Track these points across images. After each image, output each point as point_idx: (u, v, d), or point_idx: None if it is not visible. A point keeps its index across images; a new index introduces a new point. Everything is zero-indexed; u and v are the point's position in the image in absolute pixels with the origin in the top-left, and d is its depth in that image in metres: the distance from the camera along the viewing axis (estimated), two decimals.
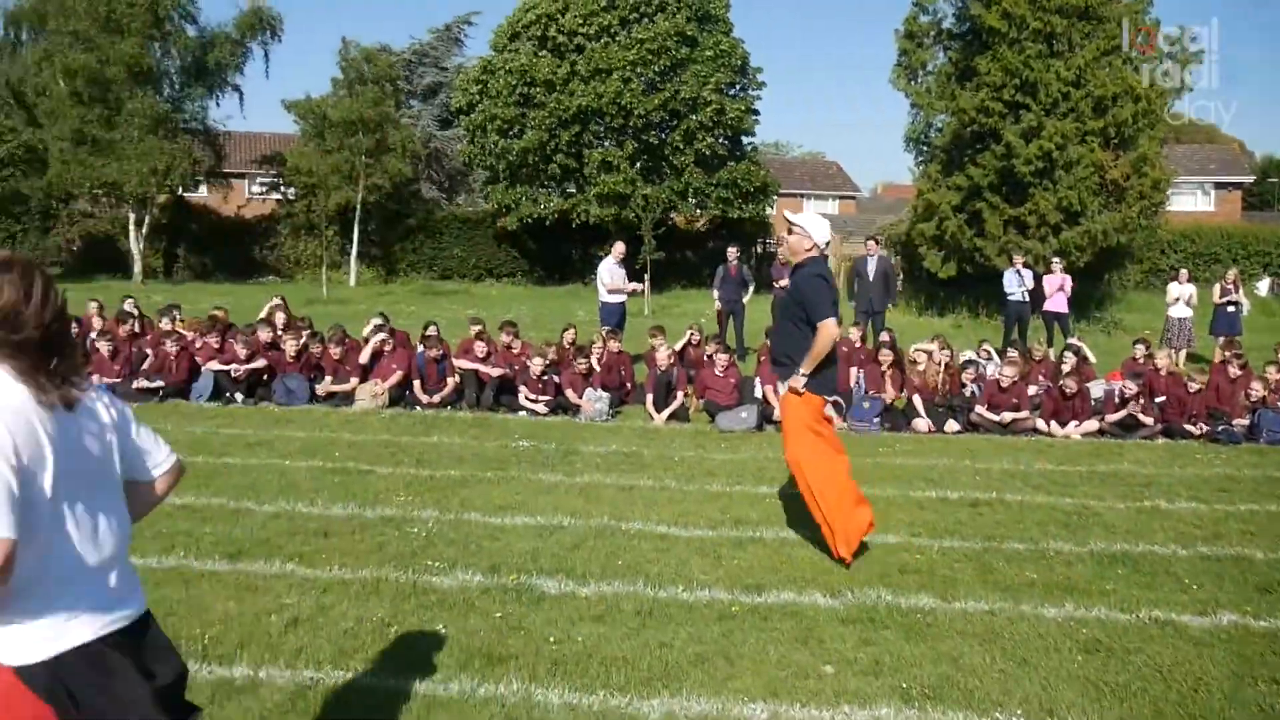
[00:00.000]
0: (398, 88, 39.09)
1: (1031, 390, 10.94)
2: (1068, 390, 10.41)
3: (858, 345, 11.90)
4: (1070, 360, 11.38)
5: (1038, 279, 16.61)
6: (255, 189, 45.17)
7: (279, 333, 12.04)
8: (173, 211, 40.26)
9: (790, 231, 5.97)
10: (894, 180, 76.21)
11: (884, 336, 12.11)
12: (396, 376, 11.01)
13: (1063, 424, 10.28)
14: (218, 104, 40.82)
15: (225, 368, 11.13)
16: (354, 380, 11.27)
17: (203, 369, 11.21)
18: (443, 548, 5.85)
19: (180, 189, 38.11)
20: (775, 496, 7.28)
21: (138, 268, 36.74)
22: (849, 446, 9.31)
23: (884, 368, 11.05)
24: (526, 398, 10.76)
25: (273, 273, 39.45)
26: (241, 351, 11.23)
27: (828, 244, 5.96)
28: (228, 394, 11.01)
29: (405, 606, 4.90)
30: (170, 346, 11.39)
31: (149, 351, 12.01)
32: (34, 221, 40.88)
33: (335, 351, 11.50)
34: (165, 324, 12.41)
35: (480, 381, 11.05)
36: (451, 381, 11.08)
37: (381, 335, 11.64)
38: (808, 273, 5.85)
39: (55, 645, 2.16)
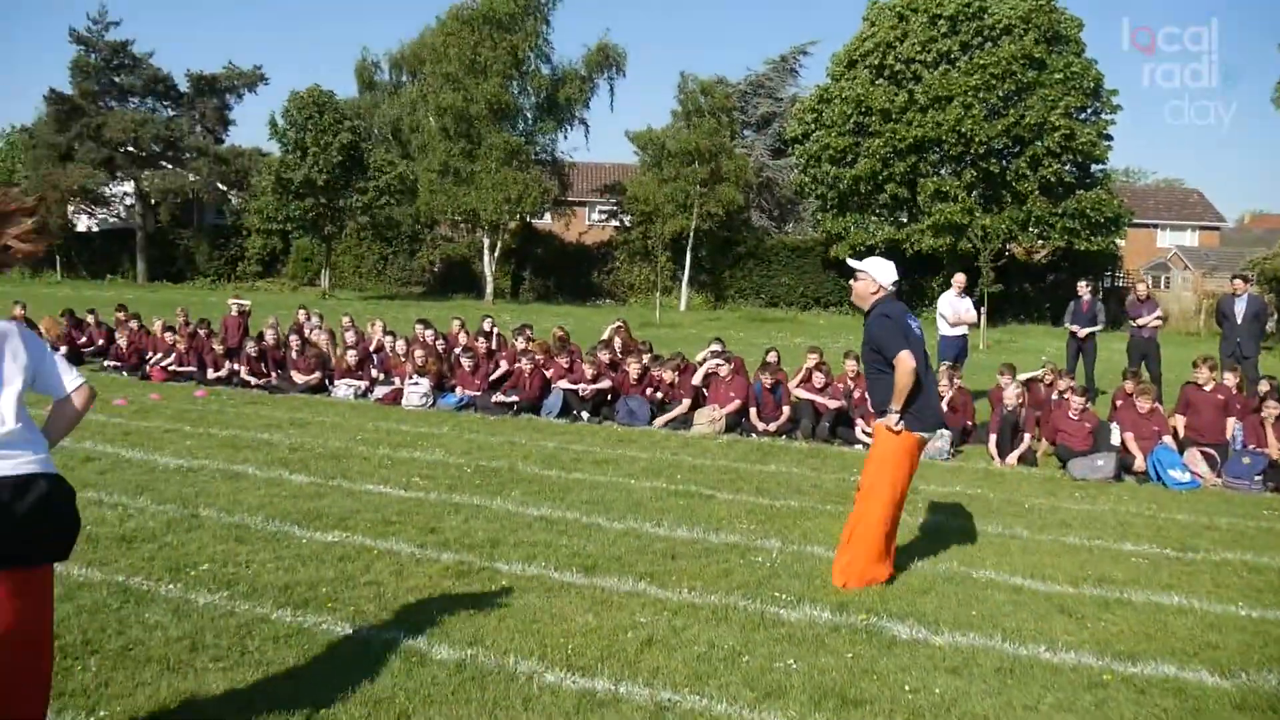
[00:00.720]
0: (733, 118, 39.94)
1: None
2: None
3: (1234, 393, 10.75)
4: None
5: None
6: (596, 216, 47.73)
7: (618, 354, 12.58)
8: (521, 237, 43.24)
9: (855, 278, 5.96)
10: (1265, 209, 68.97)
11: (1263, 385, 10.87)
12: (735, 404, 11.15)
13: None
14: (565, 136, 43.58)
15: (574, 387, 11.75)
16: (686, 402, 11.52)
17: (553, 387, 11.89)
18: (788, 580, 5.81)
19: (529, 216, 40.84)
20: (1143, 556, 6.70)
21: (489, 288, 39.71)
22: (1225, 505, 8.50)
23: (1269, 420, 9.91)
24: (863, 431, 10.56)
25: (608, 296, 41.43)
26: (589, 372, 11.80)
27: (894, 283, 5.92)
28: (575, 412, 11.60)
29: (755, 636, 4.90)
30: (525, 364, 12.17)
31: (502, 364, 12.92)
32: (403, 245, 45.25)
33: (671, 375, 11.83)
34: (520, 343, 13.25)
35: (816, 412, 10.99)
36: (787, 410, 11.09)
37: (717, 360, 11.83)
38: (875, 314, 5.83)
39: None
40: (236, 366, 13.76)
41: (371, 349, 14.12)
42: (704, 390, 11.73)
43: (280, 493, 7.46)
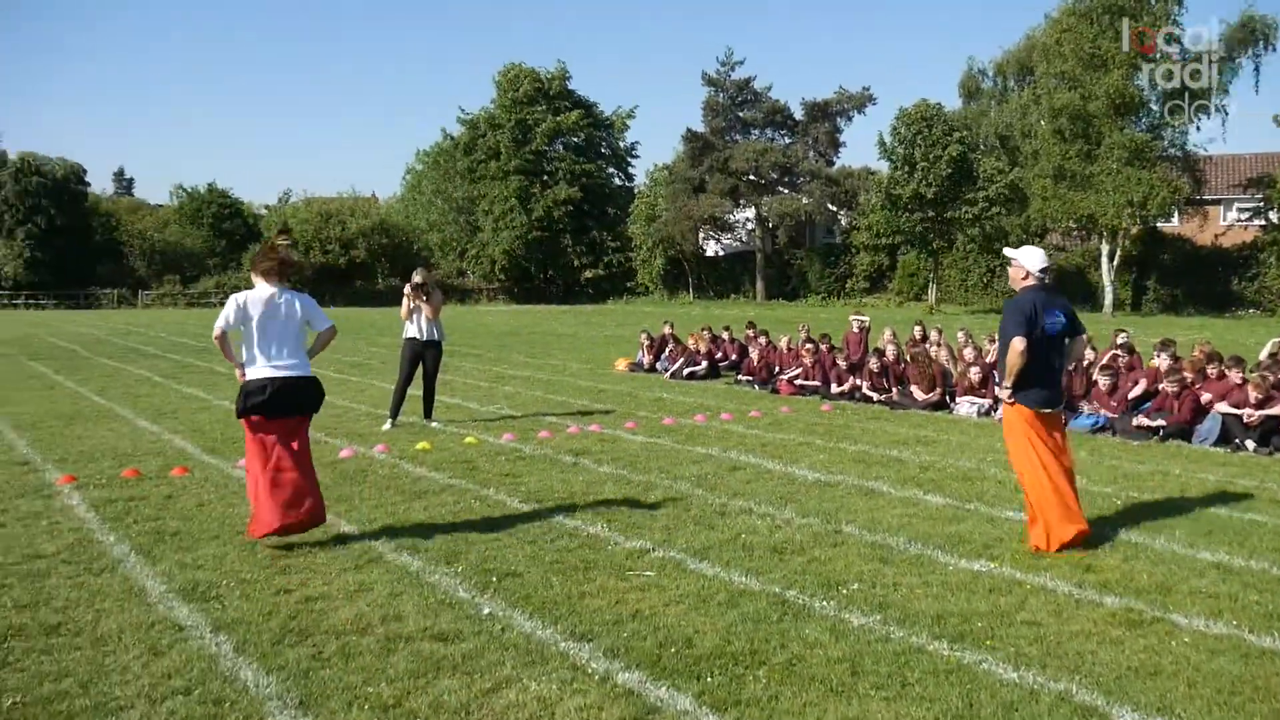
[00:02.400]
0: None
1: None
2: None
3: None
4: None
5: None
6: (1234, 215, 42.27)
7: None
8: (1144, 242, 39.69)
9: (1010, 265, 6.82)
10: None
11: None
12: None
13: None
14: (1198, 128, 39.07)
15: (1237, 411, 10.24)
16: None
17: (1210, 411, 10.48)
18: None
19: (1155, 219, 37.33)
20: None
21: (1108, 299, 36.94)
22: None
23: None
24: None
25: (1252, 306, 36.49)
26: (1252, 395, 10.23)
27: (1043, 270, 6.62)
28: (1237, 440, 10.10)
29: None
30: (1168, 385, 10.90)
31: (1140, 383, 11.72)
32: None
33: None
34: (1162, 360, 11.91)
35: None
36: None
37: None
38: (1007, 300, 6.80)
39: (251, 374, 6.25)
40: (858, 381, 14.03)
41: (990, 364, 13.63)
42: None
43: (918, 513, 7.32)
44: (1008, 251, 6.94)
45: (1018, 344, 6.38)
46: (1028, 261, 6.63)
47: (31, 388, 15.90)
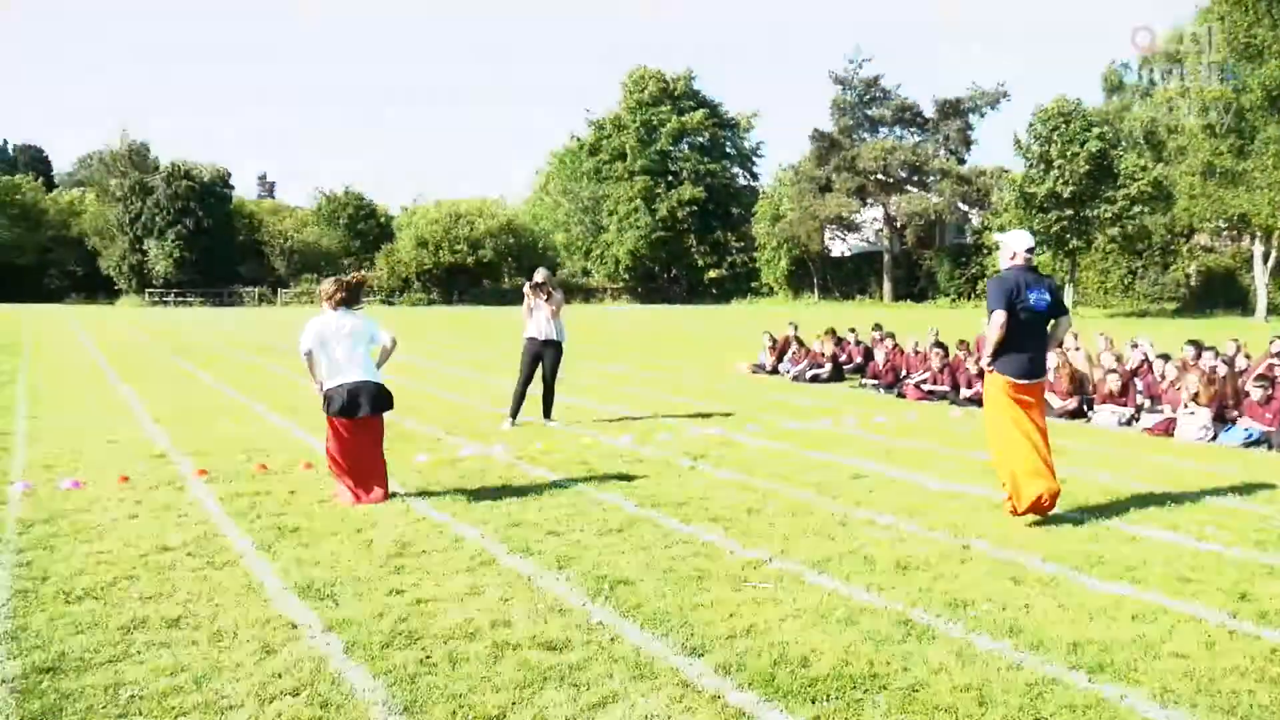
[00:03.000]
0: None
1: None
2: None
3: None
4: None
5: None
6: None
7: None
8: None
9: (999, 247, 7.29)
10: None
11: None
12: None
13: None
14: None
15: None
16: None
17: None
18: None
19: None
20: None
21: (1261, 304, 34.96)
22: None
23: None
24: None
25: None
26: None
27: (1029, 249, 7.06)
28: None
29: None
30: None
31: None
32: (1154, 257, 41.87)
33: None
34: None
35: None
36: None
37: None
38: (991, 278, 7.35)
39: (327, 385, 7.56)
40: None
41: (1131, 371, 12.96)
42: None
43: (1052, 529, 6.91)
44: (997, 235, 7.61)
45: (998, 317, 6.83)
46: (1015, 243, 7.11)
47: (174, 382, 16.56)
